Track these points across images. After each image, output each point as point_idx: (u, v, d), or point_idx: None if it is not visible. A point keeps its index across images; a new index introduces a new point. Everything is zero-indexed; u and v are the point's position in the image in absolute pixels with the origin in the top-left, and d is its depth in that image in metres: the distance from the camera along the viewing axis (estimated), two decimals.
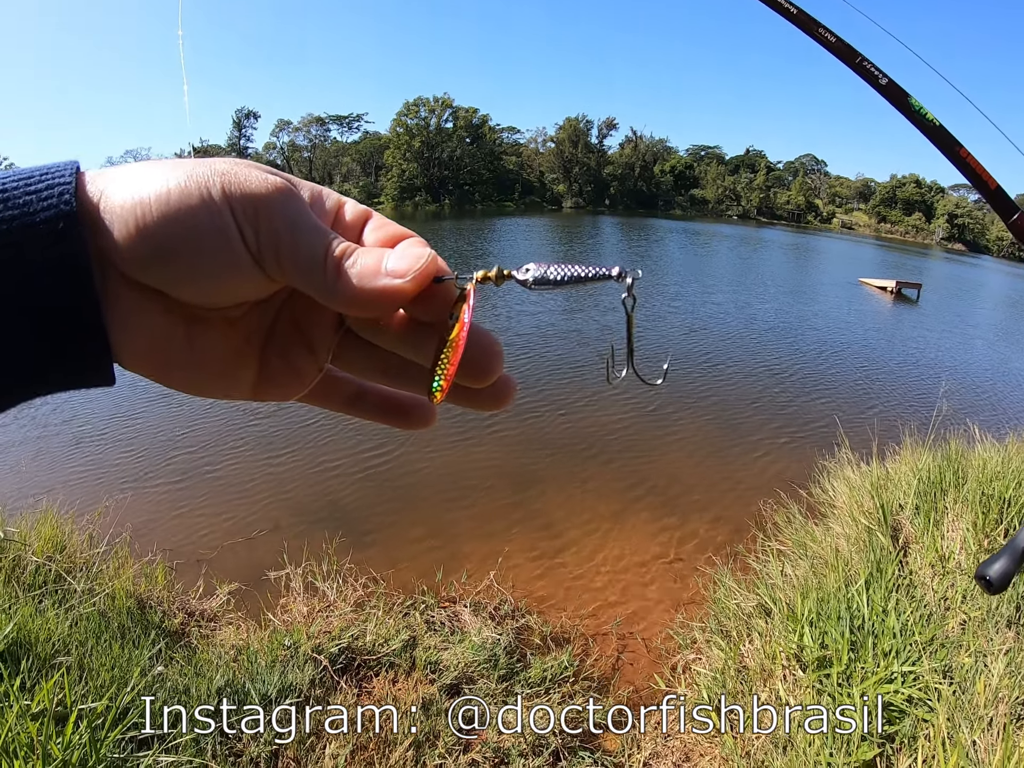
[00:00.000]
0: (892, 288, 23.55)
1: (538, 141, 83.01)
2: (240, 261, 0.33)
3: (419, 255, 0.35)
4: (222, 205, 0.32)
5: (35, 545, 3.40)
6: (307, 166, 75.48)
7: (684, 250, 34.80)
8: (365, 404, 0.43)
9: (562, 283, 0.37)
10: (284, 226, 0.33)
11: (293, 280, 0.34)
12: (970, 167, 1.17)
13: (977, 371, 12.54)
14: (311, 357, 0.40)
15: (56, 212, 0.30)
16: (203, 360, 0.37)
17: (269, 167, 0.35)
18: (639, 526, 5.24)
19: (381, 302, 0.34)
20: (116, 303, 0.32)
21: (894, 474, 4.49)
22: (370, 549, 4.67)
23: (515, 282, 0.38)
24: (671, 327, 13.36)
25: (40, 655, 2.45)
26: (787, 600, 3.29)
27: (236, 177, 0.33)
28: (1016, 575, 1.13)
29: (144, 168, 0.33)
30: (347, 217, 0.38)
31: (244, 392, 0.40)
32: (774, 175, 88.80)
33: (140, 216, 0.31)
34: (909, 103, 1.18)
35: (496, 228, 41.47)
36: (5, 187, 0.30)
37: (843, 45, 1.21)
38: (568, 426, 7.48)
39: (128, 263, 0.31)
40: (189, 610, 3.61)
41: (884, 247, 60.18)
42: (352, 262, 0.34)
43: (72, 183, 0.31)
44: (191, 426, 7.11)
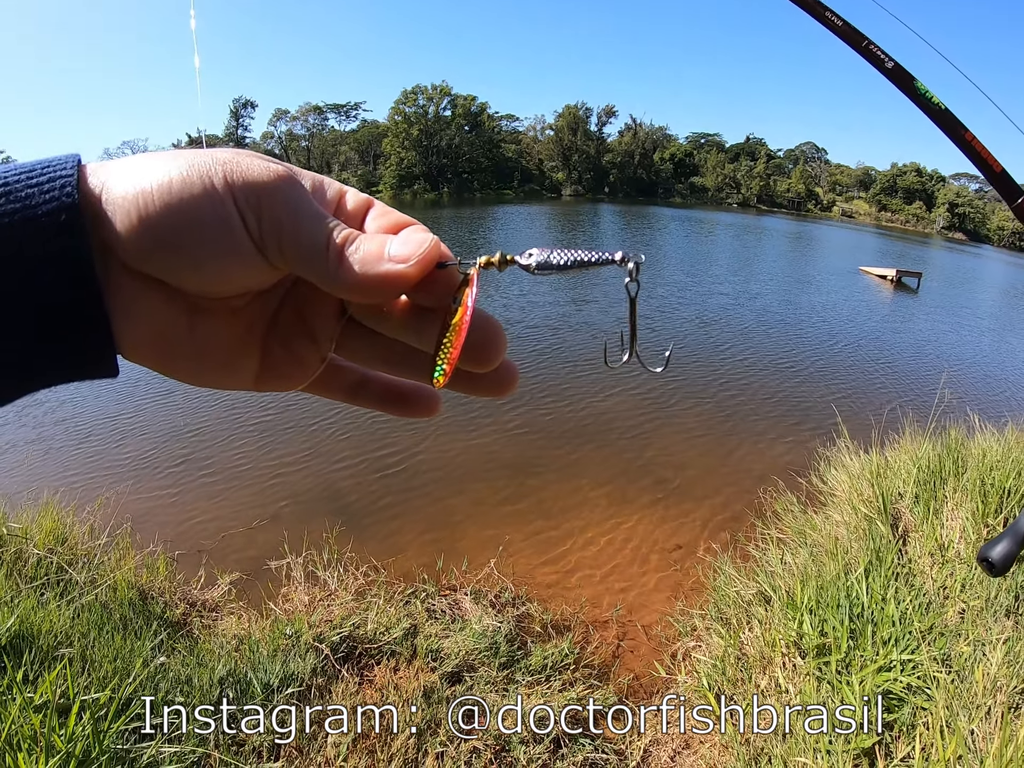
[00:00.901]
0: (892, 277, 23.48)
1: (537, 129, 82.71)
2: (243, 249, 0.33)
3: (421, 240, 0.34)
4: (224, 194, 0.32)
5: (36, 538, 3.41)
6: (305, 155, 75.17)
7: (684, 238, 34.70)
8: (368, 393, 0.43)
9: (565, 268, 0.37)
10: (286, 213, 0.33)
11: (296, 267, 0.34)
12: (975, 150, 1.17)
13: (978, 360, 12.54)
14: (314, 346, 0.40)
15: (58, 204, 0.30)
16: (205, 350, 0.37)
17: (270, 156, 0.35)
18: (639, 514, 5.25)
19: (384, 287, 0.34)
20: (118, 294, 0.32)
21: (894, 463, 4.49)
22: (371, 538, 4.69)
23: (518, 267, 0.38)
24: (671, 315, 13.35)
25: (42, 647, 2.46)
26: (787, 588, 3.30)
27: (238, 166, 0.33)
28: (1018, 557, 1.14)
29: (145, 159, 0.33)
30: (348, 206, 0.38)
31: (247, 382, 0.40)
32: (774, 163, 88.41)
33: (142, 206, 0.31)
34: (915, 86, 1.18)
35: (496, 216, 41.37)
36: (7, 180, 0.30)
37: (849, 28, 1.21)
38: (569, 415, 7.49)
39: (131, 253, 0.31)
40: (191, 600, 3.62)
41: (884, 236, 60.04)
42: (355, 248, 0.34)
43: (74, 175, 0.31)
44: (190, 416, 7.12)
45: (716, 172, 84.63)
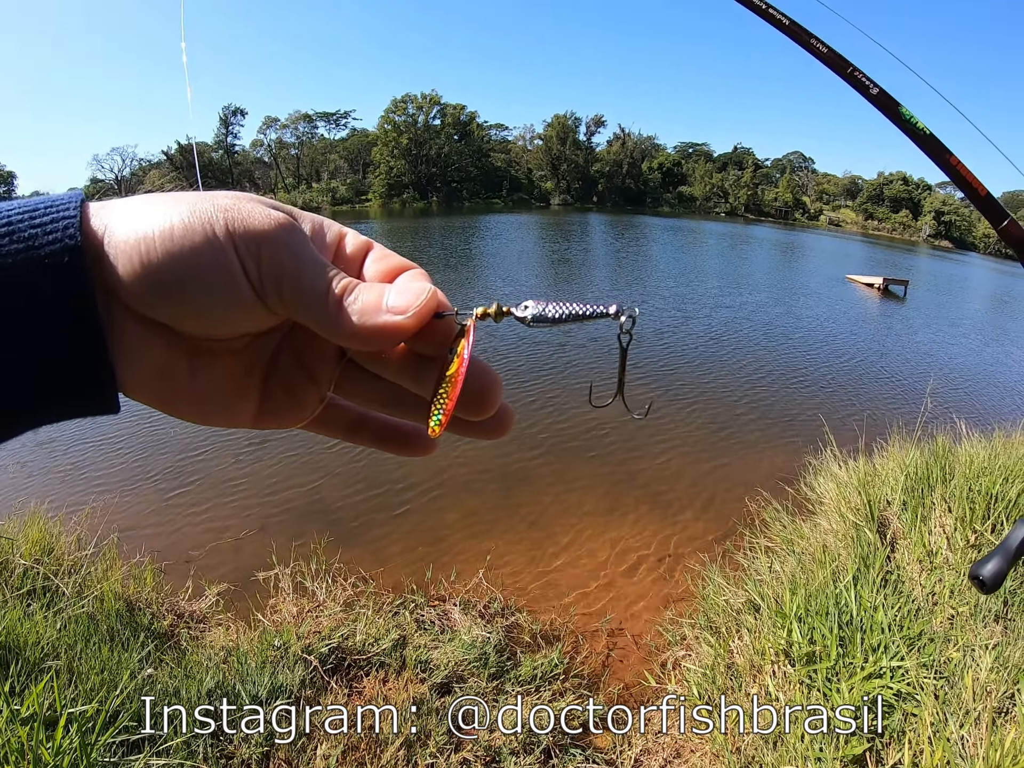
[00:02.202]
0: (879, 285, 23.69)
1: (526, 138, 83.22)
2: (243, 296, 0.33)
3: (419, 291, 0.35)
4: (225, 241, 0.32)
5: (23, 548, 3.38)
6: (295, 163, 75.24)
7: (673, 248, 34.86)
8: (366, 432, 0.44)
9: (560, 321, 0.38)
10: (286, 261, 0.33)
11: (295, 314, 0.35)
12: (960, 175, 1.18)
13: (964, 367, 12.63)
14: (313, 387, 0.40)
15: (62, 246, 0.30)
16: (206, 391, 0.37)
17: (271, 201, 0.36)
18: (628, 523, 5.26)
19: (382, 338, 0.34)
20: (121, 336, 0.32)
21: (881, 470, 4.52)
22: (359, 548, 4.66)
23: (514, 319, 0.39)
24: (658, 324, 13.38)
25: (29, 659, 2.44)
26: (775, 596, 3.30)
27: (239, 213, 0.33)
28: (1008, 575, 1.16)
29: (147, 203, 0.33)
30: (348, 249, 0.39)
31: (246, 421, 0.40)
32: (762, 172, 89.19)
33: (144, 252, 0.31)
34: (900, 112, 1.19)
35: (485, 226, 41.42)
36: (11, 220, 0.30)
37: (835, 55, 1.22)
38: (557, 425, 7.48)
39: (133, 297, 0.32)
40: (178, 611, 3.59)
41: (871, 244, 60.52)
42: (354, 299, 0.34)
43: (77, 217, 0.31)
44: (177, 426, 7.05)
45: (704, 181, 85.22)
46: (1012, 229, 1.18)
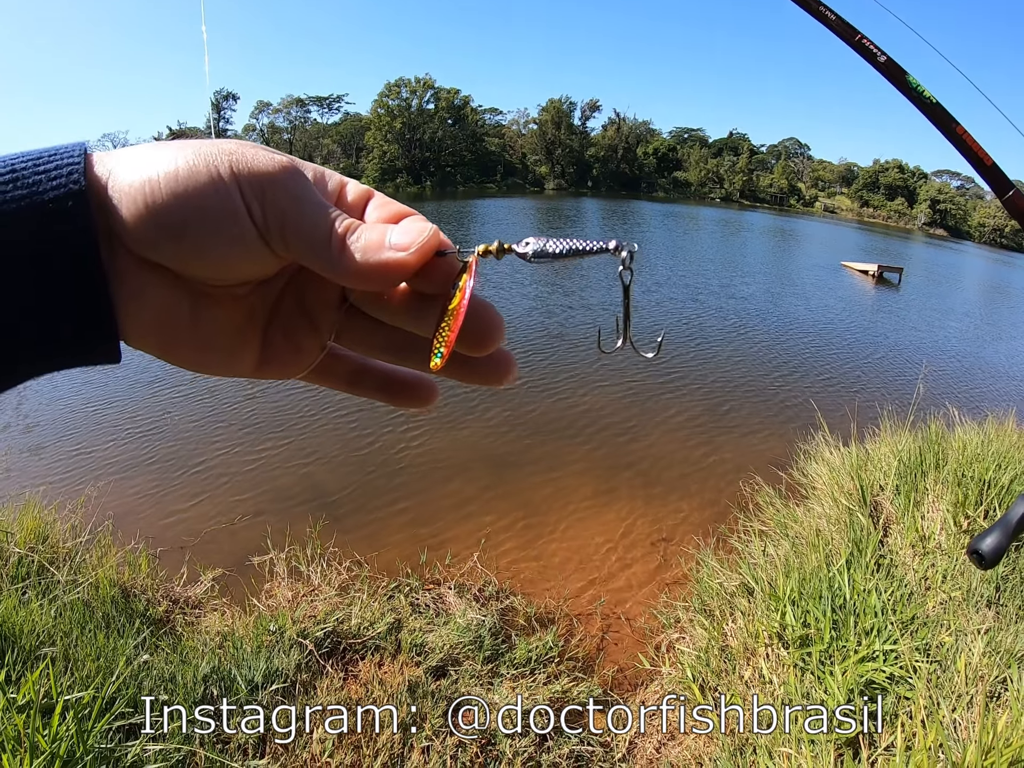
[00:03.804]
0: (874, 272, 23.74)
1: (520, 123, 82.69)
2: (247, 238, 0.33)
3: (421, 229, 0.35)
4: (230, 183, 0.33)
5: (18, 536, 3.37)
6: (287, 148, 74.46)
7: (669, 233, 34.80)
8: (367, 381, 0.44)
9: (561, 256, 0.38)
10: (290, 203, 0.34)
11: (299, 255, 0.35)
12: (966, 144, 1.18)
13: (957, 354, 12.69)
14: (314, 334, 0.41)
15: (66, 191, 0.30)
16: (207, 337, 0.37)
17: (273, 148, 0.36)
18: (622, 507, 5.28)
19: (385, 275, 0.35)
20: (123, 280, 0.33)
21: (874, 455, 4.54)
22: (354, 532, 4.67)
23: (515, 255, 0.38)
24: (654, 310, 13.38)
25: (24, 647, 2.44)
26: (769, 579, 3.33)
27: (243, 156, 0.33)
28: (1008, 550, 1.15)
29: (152, 148, 0.33)
30: (349, 197, 0.39)
31: (247, 369, 0.40)
32: (757, 158, 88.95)
33: (149, 194, 0.31)
34: (907, 80, 1.19)
35: (479, 210, 41.24)
36: (14, 167, 0.31)
37: (842, 23, 1.21)
38: (551, 408, 7.50)
39: (136, 241, 0.32)
40: (173, 597, 3.59)
41: (866, 231, 60.59)
42: (356, 237, 0.35)
43: (81, 163, 0.31)
44: (170, 412, 7.05)
45: (699, 167, 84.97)
46: (1017, 200, 1.17)
